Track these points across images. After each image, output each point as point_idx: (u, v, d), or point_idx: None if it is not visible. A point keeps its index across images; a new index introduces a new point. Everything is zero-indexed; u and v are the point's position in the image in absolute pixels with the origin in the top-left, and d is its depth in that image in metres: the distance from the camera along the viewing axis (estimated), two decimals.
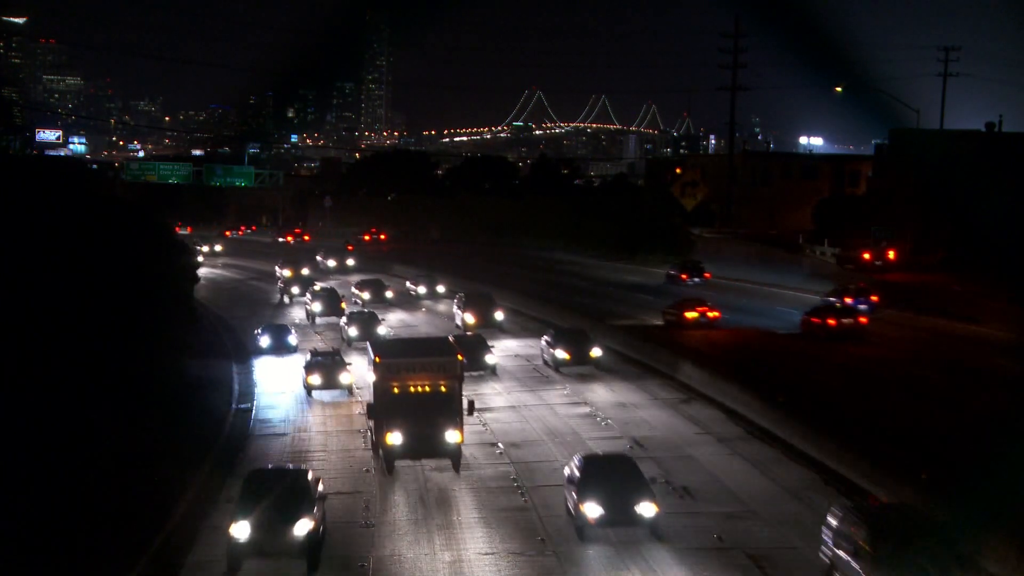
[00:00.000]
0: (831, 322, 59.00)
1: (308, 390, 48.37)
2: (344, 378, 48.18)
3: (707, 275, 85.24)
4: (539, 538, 30.26)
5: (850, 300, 64.67)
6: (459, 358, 36.79)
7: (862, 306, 63.77)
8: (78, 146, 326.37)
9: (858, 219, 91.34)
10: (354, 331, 59.55)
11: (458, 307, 66.09)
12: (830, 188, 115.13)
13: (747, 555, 28.65)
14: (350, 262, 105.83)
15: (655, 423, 43.10)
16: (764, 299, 76.15)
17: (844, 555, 25.50)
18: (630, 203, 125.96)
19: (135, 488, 31.64)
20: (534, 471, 36.64)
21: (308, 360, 49.72)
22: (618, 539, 29.41)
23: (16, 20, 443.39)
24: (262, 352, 58.12)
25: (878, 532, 24.85)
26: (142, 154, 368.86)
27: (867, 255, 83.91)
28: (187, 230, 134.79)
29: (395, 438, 35.33)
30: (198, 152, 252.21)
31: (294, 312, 75.92)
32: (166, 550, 28.56)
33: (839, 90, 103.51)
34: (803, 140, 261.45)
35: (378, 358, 36.69)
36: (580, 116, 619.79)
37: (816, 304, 63.68)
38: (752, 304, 73.31)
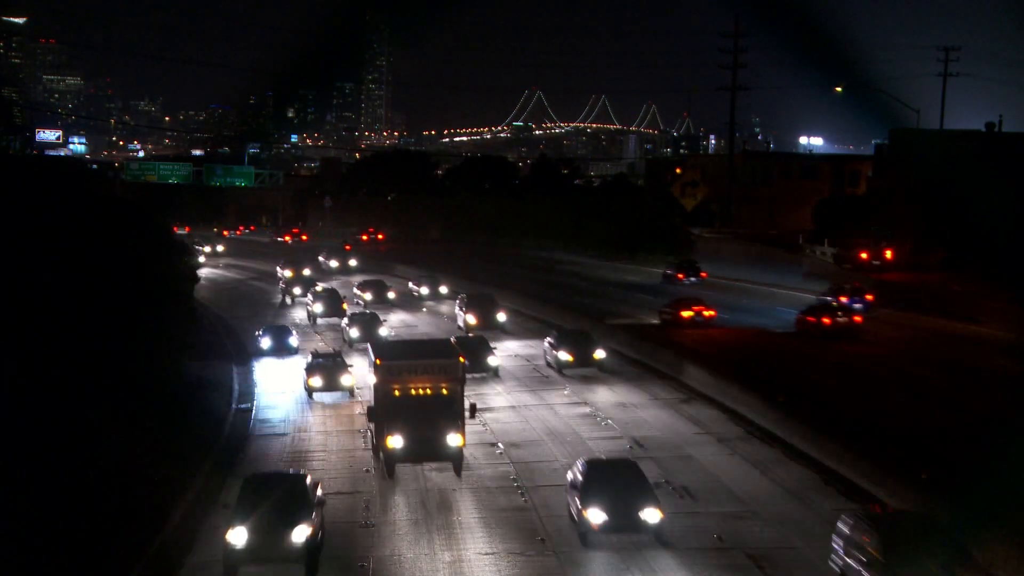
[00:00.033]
0: (826, 321, 59.49)
1: (309, 392, 48.14)
2: (345, 380, 47.97)
3: (703, 274, 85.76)
4: (539, 538, 30.26)
5: (845, 299, 65.11)
6: (461, 360, 36.45)
7: (857, 305, 64.24)
8: (78, 146, 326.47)
9: (858, 219, 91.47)
10: (355, 332, 59.29)
11: (460, 308, 65.77)
12: (830, 188, 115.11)
13: (747, 555, 28.65)
14: (352, 263, 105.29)
15: (655, 423, 43.09)
16: (761, 298, 76.45)
17: (855, 564, 25.25)
18: (630, 203, 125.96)
19: (134, 489, 31.64)
20: (534, 471, 36.63)
21: (309, 362, 49.50)
22: (621, 544, 29.24)
23: (16, 20, 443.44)
24: (263, 354, 57.85)
25: (890, 540, 24.63)
26: (142, 154, 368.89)
27: (864, 255, 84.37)
28: (185, 230, 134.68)
29: (396, 441, 34.93)
30: (198, 152, 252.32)
31: (296, 313, 75.67)
32: (165, 551, 28.56)
33: (839, 90, 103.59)
34: (803, 140, 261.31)
35: (379, 360, 36.29)
36: (580, 116, 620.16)
37: (811, 303, 64.11)
38: (748, 303, 73.68)
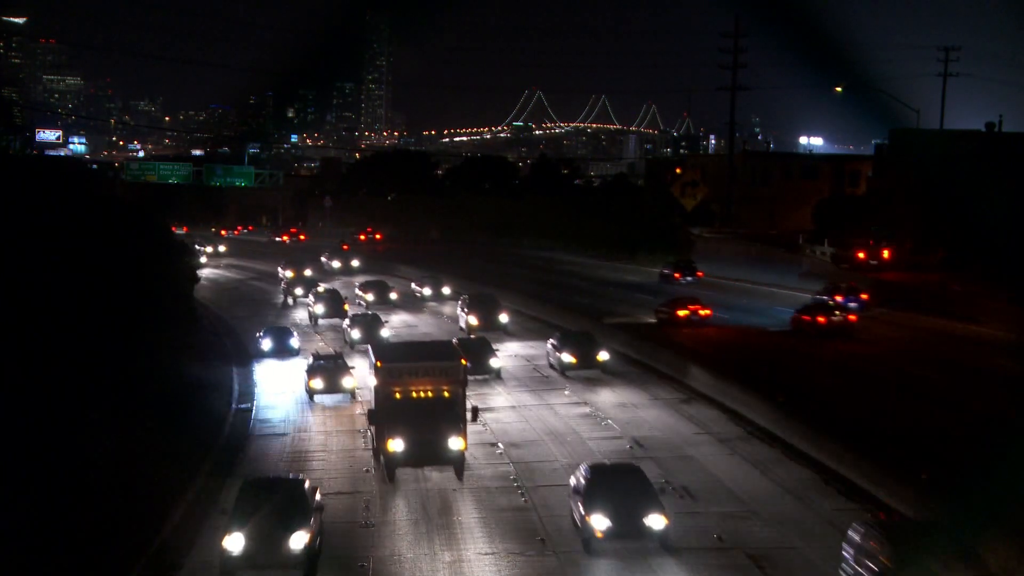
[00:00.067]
0: (821, 320, 60.12)
1: (310, 394, 47.70)
2: (347, 382, 47.54)
3: (700, 274, 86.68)
4: (539, 538, 30.25)
5: (840, 298, 65.79)
6: (463, 362, 36.07)
7: (852, 304, 64.90)
8: (78, 146, 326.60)
9: (858, 219, 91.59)
10: (357, 333, 58.80)
11: (462, 309, 65.29)
12: (830, 188, 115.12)
13: (747, 555, 28.65)
14: (355, 263, 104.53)
15: (655, 423, 43.08)
16: (758, 298, 76.93)
17: (866, 573, 25.00)
18: (630, 203, 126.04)
19: (134, 489, 31.63)
20: (534, 471, 36.62)
21: (310, 364, 49.12)
22: (625, 551, 28.92)
23: (16, 20, 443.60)
24: (264, 355, 57.41)
25: (901, 549, 24.42)
26: (142, 154, 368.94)
27: (862, 254, 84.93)
28: (183, 230, 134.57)
29: (396, 445, 34.39)
30: (198, 152, 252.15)
31: (297, 314, 75.28)
32: (165, 551, 28.56)
33: (839, 90, 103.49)
34: (803, 140, 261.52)
35: (379, 362, 35.82)
36: (580, 116, 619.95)
37: (807, 302, 64.76)
38: (745, 303, 74.12)
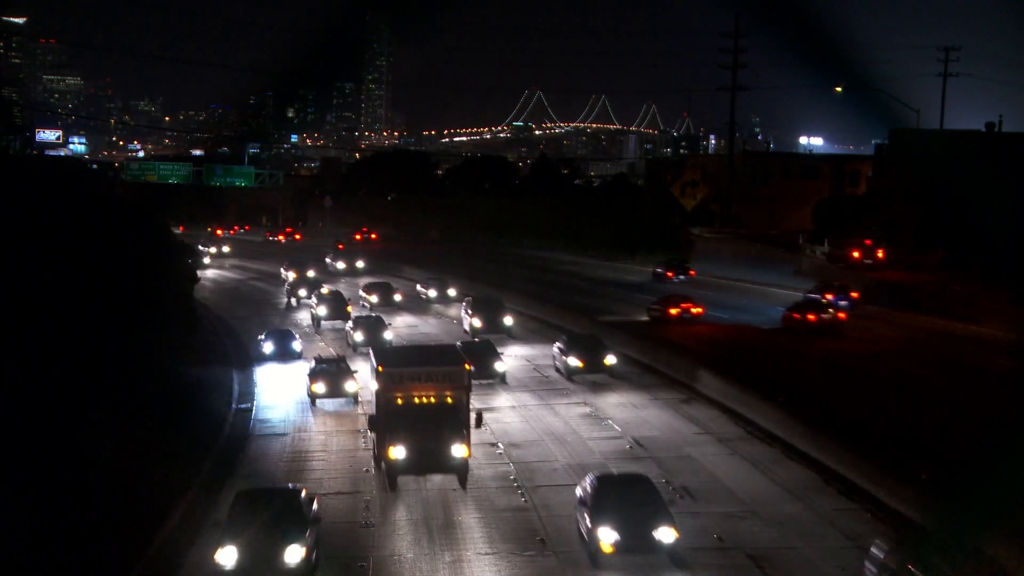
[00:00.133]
0: (811, 317, 61.09)
1: (312, 399, 46.81)
2: (350, 386, 46.56)
3: (692, 273, 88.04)
4: (539, 538, 30.25)
5: (831, 296, 66.83)
6: (467, 367, 35.33)
7: (842, 302, 65.99)
8: (78, 146, 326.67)
9: (858, 219, 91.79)
10: (360, 336, 57.89)
11: (466, 312, 64.34)
12: (830, 188, 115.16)
13: (747, 555, 28.65)
14: (360, 264, 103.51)
15: (655, 423, 43.09)
16: (750, 296, 77.90)
17: None
18: (630, 203, 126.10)
19: (134, 489, 31.64)
20: (534, 471, 36.60)
21: (312, 367, 48.31)
22: (631, 561, 28.49)
23: (16, 20, 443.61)
24: (265, 358, 56.65)
25: (927, 567, 24.12)
26: (142, 154, 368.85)
27: (856, 254, 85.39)
28: (179, 229, 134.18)
29: (398, 452, 33.46)
30: (198, 152, 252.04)
31: (300, 315, 74.57)
32: (165, 551, 28.55)
33: (839, 90, 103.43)
34: (803, 140, 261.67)
35: (381, 367, 35.02)
36: (580, 116, 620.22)
37: (798, 300, 65.84)
38: (738, 301, 75.02)
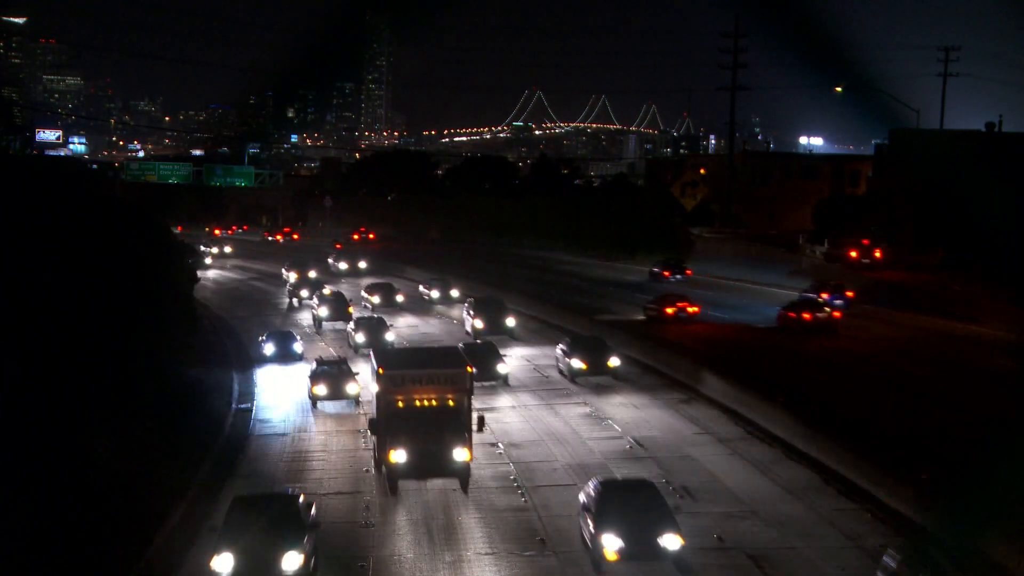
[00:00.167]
0: (806, 316, 61.44)
1: (313, 401, 46.44)
2: (351, 388, 46.16)
3: (688, 272, 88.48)
4: (539, 538, 30.26)
5: (826, 296, 67.34)
6: (468, 370, 34.98)
7: (837, 302, 66.54)
8: (78, 146, 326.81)
9: (858, 219, 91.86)
10: (361, 337, 57.35)
11: (468, 313, 63.78)
12: (830, 188, 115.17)
13: (747, 555, 28.66)
14: (362, 264, 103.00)
15: (655, 423, 43.10)
16: (746, 295, 78.45)
17: None
18: (630, 203, 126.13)
19: (134, 489, 31.66)
20: (534, 471, 36.60)
21: (314, 369, 47.87)
22: (635, 569, 28.45)
23: (16, 20, 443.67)
24: (266, 360, 56.22)
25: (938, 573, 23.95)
26: (142, 154, 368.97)
27: (854, 253, 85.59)
28: (177, 229, 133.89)
29: (399, 456, 32.94)
30: (198, 152, 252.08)
31: (302, 316, 74.03)
32: (165, 550, 28.55)
33: (839, 90, 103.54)
34: (803, 140, 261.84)
35: (381, 369, 34.67)
36: (580, 116, 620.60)
37: (793, 299, 66.28)
38: (735, 300, 75.69)
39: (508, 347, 58.51)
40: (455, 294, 78.50)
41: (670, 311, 65.29)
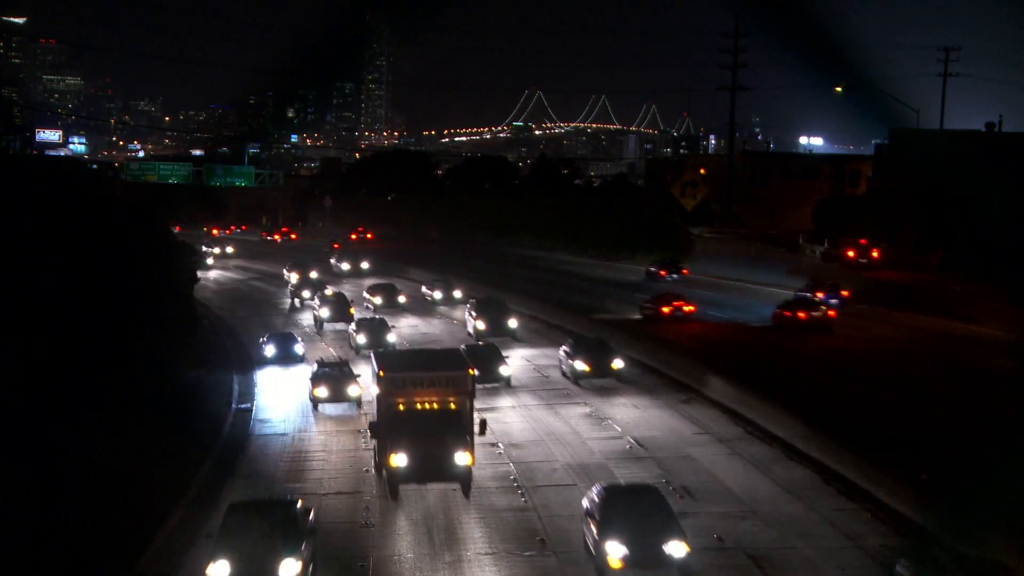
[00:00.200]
0: (801, 315, 62.04)
1: (315, 403, 45.92)
2: (353, 391, 45.70)
3: (685, 271, 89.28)
4: (539, 538, 30.25)
5: (821, 295, 67.86)
6: (470, 372, 34.70)
7: (833, 301, 67.03)
8: (78, 146, 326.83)
9: (858, 219, 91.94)
10: (363, 338, 56.88)
11: (470, 314, 63.33)
12: (830, 188, 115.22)
13: (747, 555, 28.65)
14: (364, 265, 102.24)
15: (655, 423, 43.10)
16: (742, 294, 79.01)
17: None
18: (630, 203, 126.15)
19: (135, 488, 31.67)
20: (534, 471, 36.60)
21: (315, 371, 47.30)
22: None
23: (16, 20, 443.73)
24: (267, 362, 55.71)
25: None
26: (142, 154, 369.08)
27: (851, 253, 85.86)
28: (175, 229, 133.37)
29: (399, 459, 32.48)
30: (198, 152, 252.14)
31: (304, 317, 73.52)
32: (165, 550, 28.55)
33: (839, 90, 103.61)
34: (803, 140, 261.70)
35: (382, 371, 34.31)
36: (580, 116, 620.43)
37: (789, 298, 66.86)
38: (731, 299, 76.22)
39: (510, 348, 58.13)
40: (458, 295, 77.92)
41: (666, 310, 65.85)
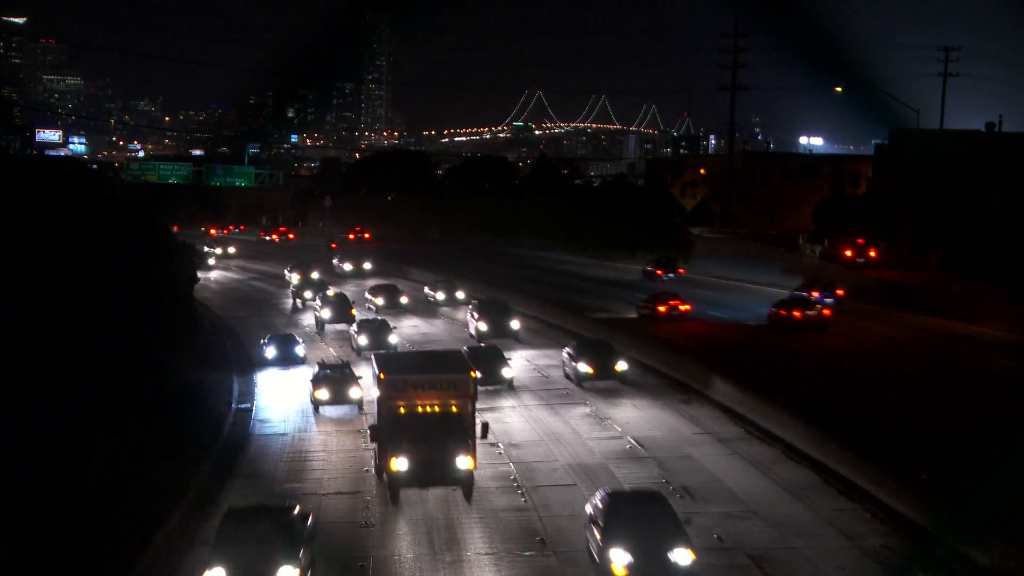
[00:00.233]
0: (796, 314, 62.64)
1: (316, 406, 45.48)
2: (354, 393, 45.25)
3: (681, 271, 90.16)
4: (539, 538, 30.25)
5: (816, 294, 68.48)
6: (472, 375, 34.27)
7: (827, 300, 67.61)
8: (78, 146, 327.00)
9: (858, 219, 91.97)
10: (364, 340, 56.27)
11: (472, 315, 62.52)
12: (830, 188, 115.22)
13: (747, 555, 28.65)
14: (367, 265, 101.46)
15: (655, 423, 43.10)
16: (738, 293, 79.34)
17: None
18: (630, 203, 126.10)
19: (134, 489, 31.65)
20: (534, 471, 36.60)
21: (316, 373, 46.84)
22: None
23: (16, 20, 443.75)
24: (267, 363, 55.20)
25: None
26: (142, 154, 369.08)
27: (849, 252, 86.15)
28: (173, 229, 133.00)
29: (400, 464, 32.09)
30: (198, 152, 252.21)
31: (306, 318, 72.97)
32: (166, 550, 28.54)
33: (839, 90, 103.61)
34: (803, 140, 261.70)
35: (383, 374, 33.84)
36: (580, 116, 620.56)
37: (784, 297, 67.32)
38: (726, 298, 76.53)
39: (512, 350, 57.43)
40: (461, 296, 77.06)
41: (662, 309, 66.55)
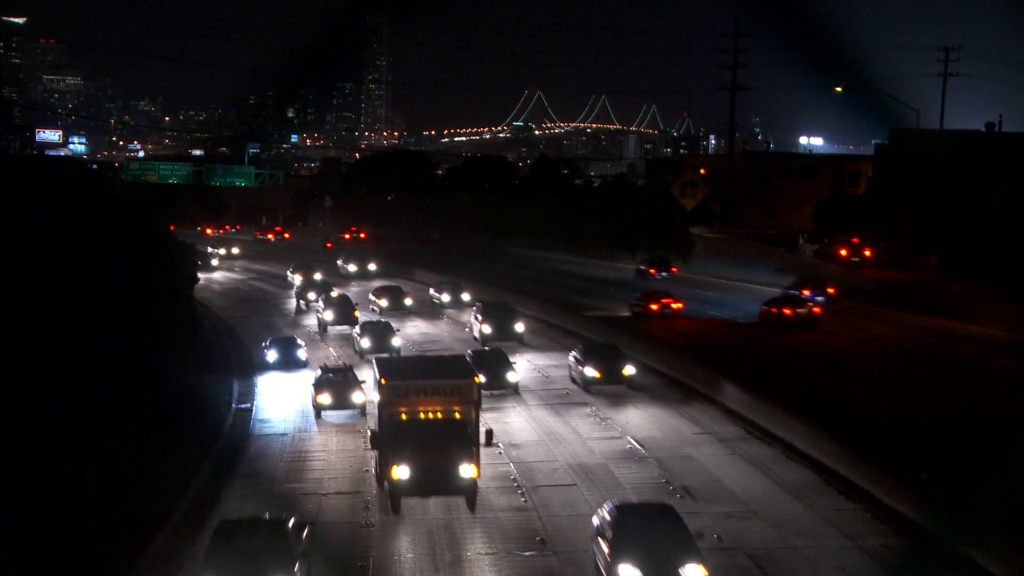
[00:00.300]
0: (787, 312, 63.23)
1: (317, 410, 44.62)
2: (357, 397, 44.32)
3: (674, 270, 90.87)
4: (539, 538, 30.25)
5: (807, 292, 69.05)
6: (476, 380, 33.67)
7: (819, 298, 68.27)
8: (78, 146, 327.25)
9: (858, 219, 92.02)
10: (367, 342, 55.29)
11: (475, 318, 61.18)
12: (830, 188, 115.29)
13: (747, 555, 28.65)
14: (372, 266, 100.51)
15: (655, 423, 43.10)
16: (731, 292, 79.94)
17: None
18: (630, 203, 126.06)
19: (134, 489, 31.66)
20: (534, 471, 36.59)
21: (318, 377, 46.13)
22: None
23: (16, 20, 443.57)
24: (269, 367, 54.44)
25: None
26: (142, 154, 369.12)
27: (844, 252, 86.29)
28: (170, 228, 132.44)
29: (402, 472, 31.26)
30: (198, 152, 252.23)
31: (309, 320, 72.15)
32: (165, 550, 28.54)
33: (839, 90, 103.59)
34: (803, 140, 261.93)
35: (384, 379, 33.14)
36: (580, 116, 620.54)
37: (775, 295, 67.72)
38: (730, 298, 76.80)
39: (516, 354, 55.95)
40: (466, 298, 75.55)
41: (655, 307, 67.32)
